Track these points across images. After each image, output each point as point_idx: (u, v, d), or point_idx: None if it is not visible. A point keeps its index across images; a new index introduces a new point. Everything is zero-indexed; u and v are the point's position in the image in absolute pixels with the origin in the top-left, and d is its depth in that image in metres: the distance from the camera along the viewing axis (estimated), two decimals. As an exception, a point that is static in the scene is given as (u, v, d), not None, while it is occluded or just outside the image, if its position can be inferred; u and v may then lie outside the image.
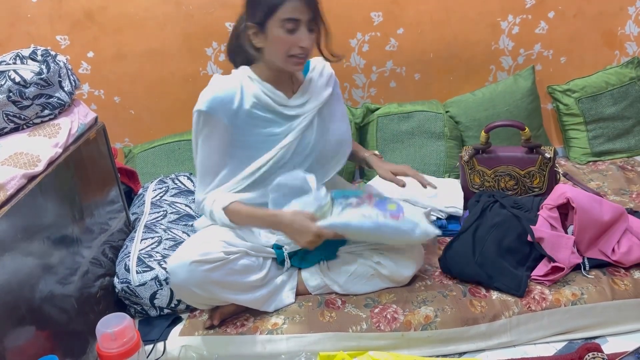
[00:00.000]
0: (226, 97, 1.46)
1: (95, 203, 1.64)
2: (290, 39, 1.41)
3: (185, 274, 1.39)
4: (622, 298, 1.47)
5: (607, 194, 2.01)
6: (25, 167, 1.32)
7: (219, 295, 1.45)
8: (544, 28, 2.32)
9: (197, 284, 1.41)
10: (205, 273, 1.39)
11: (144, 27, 2.22)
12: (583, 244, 1.57)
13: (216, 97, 1.44)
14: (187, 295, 1.46)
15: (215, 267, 1.41)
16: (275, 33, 1.41)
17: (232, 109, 1.46)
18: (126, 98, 2.35)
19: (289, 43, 1.41)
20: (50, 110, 1.52)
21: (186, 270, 1.39)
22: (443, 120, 2.24)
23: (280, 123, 1.52)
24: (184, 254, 1.42)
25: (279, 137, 1.51)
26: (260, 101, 1.49)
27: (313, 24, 1.43)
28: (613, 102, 2.27)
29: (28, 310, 1.23)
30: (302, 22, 1.40)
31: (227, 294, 1.46)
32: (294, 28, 1.40)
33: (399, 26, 2.28)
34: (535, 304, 1.47)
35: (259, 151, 1.51)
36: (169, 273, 1.44)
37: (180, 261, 1.40)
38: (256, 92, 1.49)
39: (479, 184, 1.91)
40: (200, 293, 1.43)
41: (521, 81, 2.30)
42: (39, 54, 1.54)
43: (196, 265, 1.39)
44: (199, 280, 1.40)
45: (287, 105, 1.52)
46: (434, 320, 1.46)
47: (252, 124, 1.49)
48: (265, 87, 1.50)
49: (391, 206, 1.49)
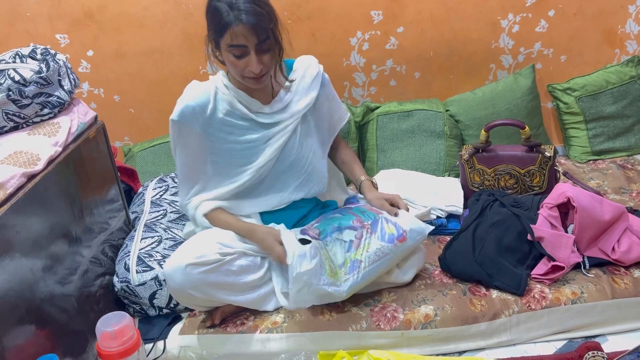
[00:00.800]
0: (198, 105, 1.45)
1: (95, 202, 1.64)
2: (239, 63, 1.37)
3: (182, 277, 1.38)
4: (622, 297, 1.47)
5: (607, 193, 2.01)
6: (25, 165, 1.32)
7: (217, 297, 1.45)
8: (544, 26, 2.32)
9: (194, 287, 1.40)
10: (201, 275, 1.39)
11: (143, 26, 2.22)
12: (583, 242, 1.56)
13: (188, 106, 1.44)
14: (185, 298, 1.45)
15: (212, 269, 1.40)
16: (226, 56, 1.38)
17: (205, 117, 1.46)
18: (126, 97, 2.35)
19: (239, 66, 1.38)
20: (50, 109, 1.52)
21: (182, 274, 1.38)
22: (443, 119, 2.24)
23: (256, 130, 1.50)
24: (179, 257, 1.41)
25: (256, 143, 1.50)
26: (234, 109, 1.47)
27: (266, 45, 1.36)
28: (613, 100, 2.27)
29: (28, 309, 1.23)
30: (250, 48, 1.35)
31: (225, 295, 1.46)
32: (242, 54, 1.35)
33: (399, 25, 2.28)
34: (535, 302, 1.47)
35: (239, 158, 1.51)
36: (165, 277, 1.43)
37: (176, 265, 1.39)
38: (230, 100, 1.47)
39: (479, 182, 1.91)
40: (198, 295, 1.42)
41: (521, 80, 2.30)
42: (39, 52, 1.54)
43: (192, 268, 1.38)
44: (196, 282, 1.39)
45: (262, 112, 1.50)
46: (434, 318, 1.46)
47: (227, 131, 1.49)
48: (239, 94, 1.47)
49: (390, 229, 1.48)
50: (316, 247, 1.43)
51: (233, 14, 1.31)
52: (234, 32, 1.32)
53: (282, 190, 1.57)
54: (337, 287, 1.41)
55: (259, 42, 1.34)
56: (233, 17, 1.31)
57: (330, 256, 1.45)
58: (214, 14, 1.34)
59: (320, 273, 1.39)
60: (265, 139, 1.51)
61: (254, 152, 1.51)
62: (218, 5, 1.33)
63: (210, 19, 1.36)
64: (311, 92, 1.55)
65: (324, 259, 1.42)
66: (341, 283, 1.42)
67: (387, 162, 2.23)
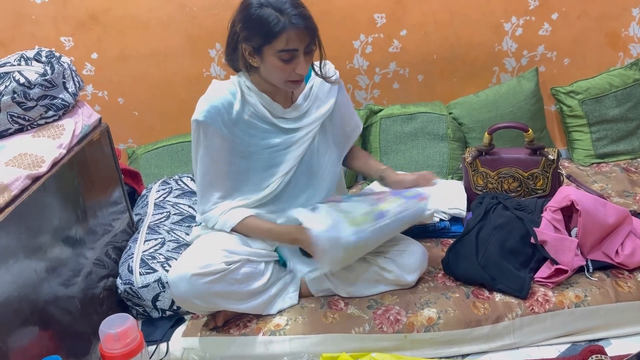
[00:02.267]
0: (224, 105, 1.42)
1: (99, 204, 1.64)
2: (287, 67, 1.36)
3: (187, 287, 1.37)
4: (625, 300, 1.46)
5: (611, 196, 2.00)
6: (29, 167, 1.33)
7: (221, 305, 1.45)
8: (547, 29, 2.32)
9: (198, 296, 1.39)
10: (206, 285, 1.38)
11: (147, 29, 2.22)
12: (587, 246, 1.56)
13: (214, 106, 1.41)
14: (189, 305, 1.45)
15: (217, 278, 1.39)
16: (272, 61, 1.36)
17: (231, 118, 1.44)
18: (130, 99, 2.36)
19: (286, 71, 1.37)
20: (55, 112, 1.52)
21: (187, 283, 1.37)
22: (446, 121, 2.24)
23: (278, 134, 1.50)
24: (184, 266, 1.39)
25: (278, 148, 1.50)
26: (257, 111, 1.46)
27: (312, 46, 1.38)
28: (617, 103, 2.27)
29: (32, 310, 1.24)
30: (300, 51, 1.35)
31: (229, 304, 1.45)
32: (291, 57, 1.35)
33: (402, 28, 2.28)
34: (538, 306, 1.46)
35: (262, 163, 1.50)
36: (169, 285, 1.42)
37: (181, 274, 1.38)
38: (254, 102, 1.45)
39: (482, 185, 1.91)
40: (202, 304, 1.42)
41: (524, 83, 2.30)
42: (44, 55, 1.55)
43: (197, 278, 1.37)
44: (201, 292, 1.38)
45: (283, 117, 1.49)
46: (437, 321, 1.46)
47: (251, 134, 1.47)
48: (263, 98, 1.46)
49: (409, 193, 1.48)
50: (327, 209, 1.43)
51: (285, 19, 1.30)
52: (289, 36, 1.31)
53: (300, 197, 1.55)
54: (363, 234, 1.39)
55: (308, 44, 1.36)
56: (287, 22, 1.30)
57: (350, 210, 1.44)
58: (260, 21, 1.32)
59: (339, 226, 1.37)
60: (287, 145, 1.50)
61: (276, 157, 1.50)
62: (264, 12, 1.31)
63: (256, 27, 1.33)
64: (330, 98, 1.55)
65: (341, 215, 1.41)
66: (367, 229, 1.40)
67: (391, 165, 2.20)
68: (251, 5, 1.34)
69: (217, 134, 1.42)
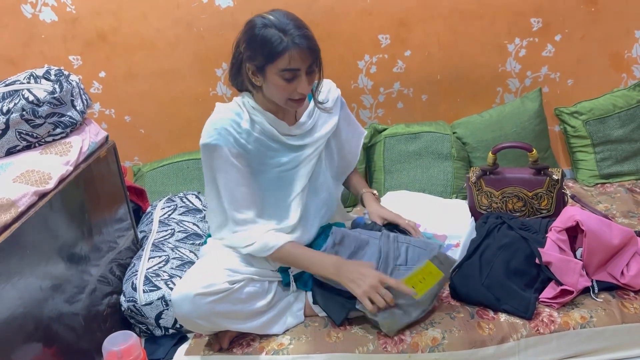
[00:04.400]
0: (232, 125, 1.43)
1: (104, 221, 1.65)
2: (289, 87, 1.38)
3: (190, 307, 1.37)
4: (632, 322, 1.45)
5: (616, 217, 2.00)
6: (36, 184, 1.34)
7: (224, 325, 1.44)
8: (550, 51, 2.34)
9: (201, 317, 1.38)
10: (210, 305, 1.37)
11: (155, 48, 2.25)
12: (592, 267, 1.55)
13: (222, 127, 1.41)
14: (192, 325, 1.44)
15: (220, 298, 1.39)
16: (274, 80, 1.37)
17: (242, 136, 1.44)
18: (136, 117, 2.38)
19: (288, 90, 1.39)
20: (62, 129, 1.54)
21: (190, 303, 1.36)
22: (450, 141, 2.25)
23: (285, 153, 1.51)
24: (187, 286, 1.38)
25: (287, 167, 1.51)
26: (264, 129, 1.48)
27: (314, 67, 1.40)
28: (621, 124, 2.27)
29: (36, 326, 1.24)
30: (302, 70, 1.37)
31: (233, 324, 1.44)
32: (293, 77, 1.37)
33: (406, 48, 2.30)
34: (543, 326, 1.45)
35: (270, 183, 1.50)
36: (173, 305, 1.41)
37: (184, 294, 1.37)
38: (260, 121, 1.47)
39: (486, 205, 1.91)
40: (206, 325, 1.41)
41: (528, 103, 2.31)
42: (53, 73, 1.57)
43: (200, 298, 1.36)
44: (204, 312, 1.38)
45: (289, 134, 1.51)
46: (442, 342, 1.45)
47: (262, 151, 1.48)
48: (268, 117, 1.48)
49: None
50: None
51: (288, 39, 1.32)
52: (292, 56, 1.33)
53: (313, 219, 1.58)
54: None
55: (310, 64, 1.38)
56: (289, 42, 1.32)
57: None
58: (263, 41, 1.33)
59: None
60: (295, 164, 1.52)
61: (286, 177, 1.51)
62: (268, 32, 1.33)
63: (260, 46, 1.34)
64: (334, 116, 1.59)
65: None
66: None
67: (395, 184, 2.23)
68: (255, 26, 1.36)
69: (229, 153, 1.41)
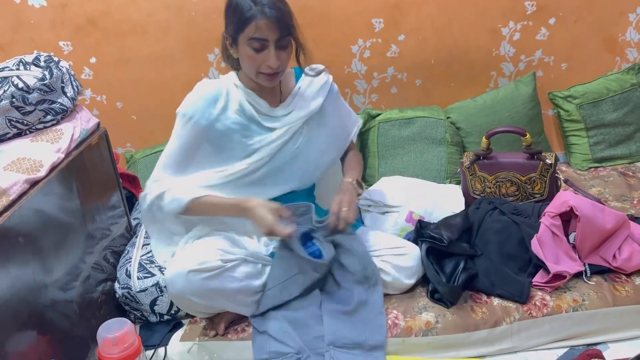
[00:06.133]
0: (209, 101, 1.48)
1: (97, 208, 1.64)
2: (257, 57, 1.41)
3: (184, 283, 1.38)
4: (623, 304, 1.46)
5: (608, 200, 2.01)
6: (27, 172, 1.33)
7: (218, 304, 1.45)
8: (544, 34, 2.33)
9: (195, 293, 1.40)
10: (203, 282, 1.39)
11: (146, 33, 2.23)
12: (585, 250, 1.56)
13: (199, 102, 1.47)
14: (186, 304, 1.46)
15: (213, 275, 1.40)
16: (244, 50, 1.42)
17: (214, 114, 1.48)
18: (128, 103, 2.36)
19: (257, 61, 1.41)
20: (53, 116, 1.52)
21: (184, 280, 1.38)
22: (444, 126, 2.25)
23: (260, 133, 1.52)
24: (181, 263, 1.41)
25: (257, 144, 1.52)
26: (243, 109, 1.50)
27: (285, 41, 1.42)
28: (614, 108, 2.28)
29: (30, 314, 1.24)
30: (270, 42, 1.39)
31: (227, 302, 1.46)
32: (261, 47, 1.40)
33: (400, 32, 2.29)
34: (536, 310, 1.47)
35: (230, 152, 1.52)
36: (167, 283, 1.43)
37: (178, 271, 1.39)
38: (240, 100, 1.50)
39: (480, 189, 1.91)
40: (200, 302, 1.42)
41: (522, 87, 2.31)
42: (42, 59, 1.55)
43: (194, 274, 1.38)
44: (197, 289, 1.39)
45: (270, 115, 1.53)
46: (435, 326, 1.46)
47: (233, 129, 1.50)
48: (249, 95, 1.50)
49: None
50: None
51: (257, 8, 1.37)
52: (258, 25, 1.36)
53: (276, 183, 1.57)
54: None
55: (279, 37, 1.39)
56: (257, 11, 1.36)
57: None
58: (236, 9, 1.39)
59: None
60: (267, 142, 1.53)
61: (252, 150, 1.53)
62: (241, 1, 1.38)
63: (232, 14, 1.41)
64: (317, 99, 1.58)
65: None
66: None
67: (388, 169, 2.23)
68: None
69: (196, 127, 1.48)
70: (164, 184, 1.52)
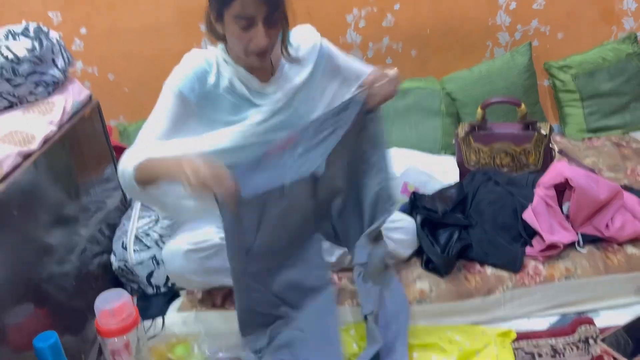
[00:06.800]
0: (199, 77, 1.36)
1: (91, 181, 1.64)
2: (244, 36, 1.28)
3: (181, 263, 1.38)
4: (614, 273, 1.48)
5: (602, 170, 2.01)
6: (20, 145, 1.32)
7: (217, 281, 1.45)
8: (541, 3, 2.30)
9: (193, 272, 1.39)
10: (201, 260, 1.38)
11: (137, 3, 2.19)
12: (578, 220, 1.57)
13: (188, 77, 1.35)
14: (185, 282, 1.46)
15: (212, 254, 1.39)
16: (231, 28, 1.29)
17: (203, 89, 1.37)
18: (120, 75, 2.33)
19: (244, 40, 1.29)
20: (44, 88, 1.51)
21: (182, 259, 1.38)
22: (440, 97, 2.24)
23: (248, 109, 1.42)
24: (178, 242, 1.39)
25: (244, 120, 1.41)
26: (233, 86, 1.39)
27: (274, 17, 1.29)
28: (609, 78, 2.27)
29: (27, 287, 1.24)
30: (257, 19, 1.27)
31: (225, 278, 1.41)
32: (249, 25, 1.27)
33: (395, 1, 2.25)
34: (529, 278, 1.48)
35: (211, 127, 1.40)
36: (164, 262, 1.42)
37: (175, 250, 1.38)
38: (230, 77, 1.39)
39: (475, 160, 1.91)
40: (198, 280, 1.42)
41: (518, 57, 2.29)
42: (31, 30, 1.53)
43: (192, 253, 1.37)
44: (195, 268, 1.39)
45: (260, 92, 1.41)
46: (429, 294, 1.47)
47: (221, 107, 1.40)
48: (239, 71, 1.38)
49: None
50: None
51: None
52: (245, 1, 1.25)
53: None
54: None
55: (268, 13, 1.27)
56: None
57: None
58: None
59: None
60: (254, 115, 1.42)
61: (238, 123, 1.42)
62: None
63: None
64: (306, 67, 1.45)
65: None
66: None
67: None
68: None
69: (184, 102, 1.35)
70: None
